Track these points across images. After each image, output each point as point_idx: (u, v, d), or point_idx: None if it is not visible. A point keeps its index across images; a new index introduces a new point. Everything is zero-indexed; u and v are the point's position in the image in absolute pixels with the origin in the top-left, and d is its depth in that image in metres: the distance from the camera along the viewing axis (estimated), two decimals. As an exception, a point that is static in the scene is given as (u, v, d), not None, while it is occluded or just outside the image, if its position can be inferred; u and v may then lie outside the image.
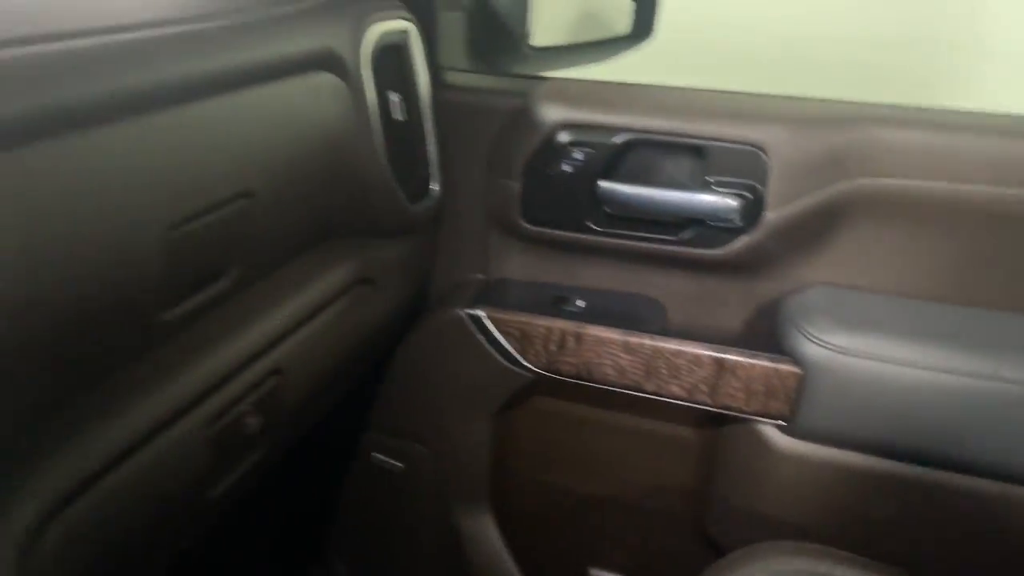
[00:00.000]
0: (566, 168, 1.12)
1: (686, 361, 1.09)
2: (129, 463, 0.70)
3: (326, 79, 0.90)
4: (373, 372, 1.26)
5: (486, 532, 1.34)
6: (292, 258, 0.93)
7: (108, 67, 0.65)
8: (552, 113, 1.12)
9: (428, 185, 1.13)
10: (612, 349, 1.12)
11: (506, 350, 1.17)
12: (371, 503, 1.41)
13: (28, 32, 0.61)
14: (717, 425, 1.16)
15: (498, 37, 1.35)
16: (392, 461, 1.34)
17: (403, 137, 1.06)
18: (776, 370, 1.05)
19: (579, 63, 1.38)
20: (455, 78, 1.20)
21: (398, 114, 1.04)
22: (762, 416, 1.08)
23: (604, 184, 1.11)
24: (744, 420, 1.10)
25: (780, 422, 1.08)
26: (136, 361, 0.72)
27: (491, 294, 1.21)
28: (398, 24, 1.03)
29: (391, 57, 1.03)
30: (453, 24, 1.23)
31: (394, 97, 1.03)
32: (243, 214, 0.78)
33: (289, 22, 0.87)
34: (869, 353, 1.01)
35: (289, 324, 0.91)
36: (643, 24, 1.58)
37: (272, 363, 0.87)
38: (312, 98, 0.88)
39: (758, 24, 2.06)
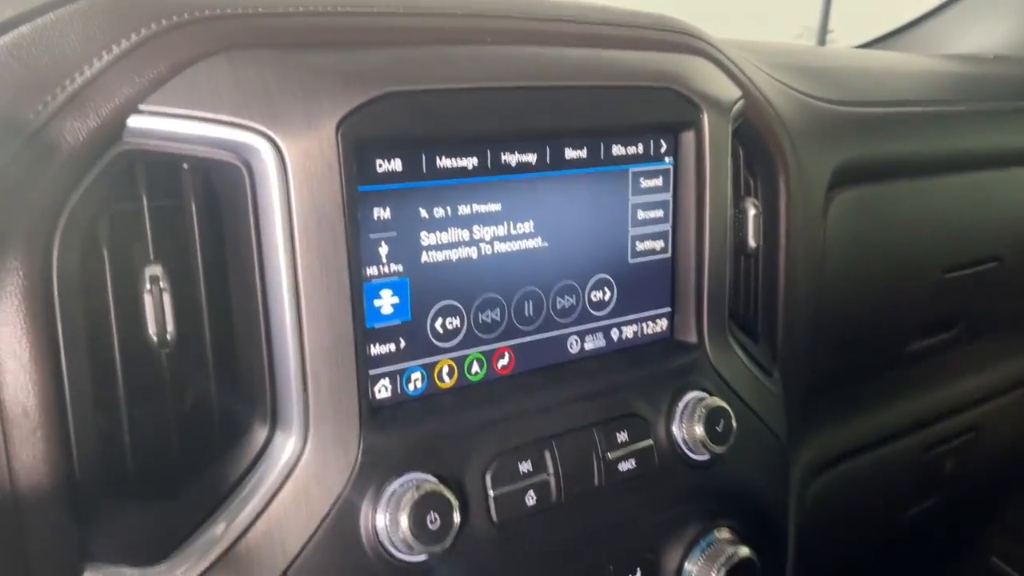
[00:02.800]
0: None
1: None
2: (858, 459, 0.83)
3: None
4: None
5: None
6: (1004, 330, 0.98)
7: (930, 131, 0.80)
8: None
9: None
10: None
11: None
12: None
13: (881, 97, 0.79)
14: None
15: None
16: (1011, 570, 1.28)
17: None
18: None
19: None
20: None
21: None
22: None
23: None
24: None
25: None
26: (874, 380, 0.86)
27: None
28: None
29: None
30: None
31: None
32: (987, 276, 0.87)
33: None
34: None
35: (987, 392, 0.96)
36: None
37: (970, 419, 0.94)
38: None
39: None
